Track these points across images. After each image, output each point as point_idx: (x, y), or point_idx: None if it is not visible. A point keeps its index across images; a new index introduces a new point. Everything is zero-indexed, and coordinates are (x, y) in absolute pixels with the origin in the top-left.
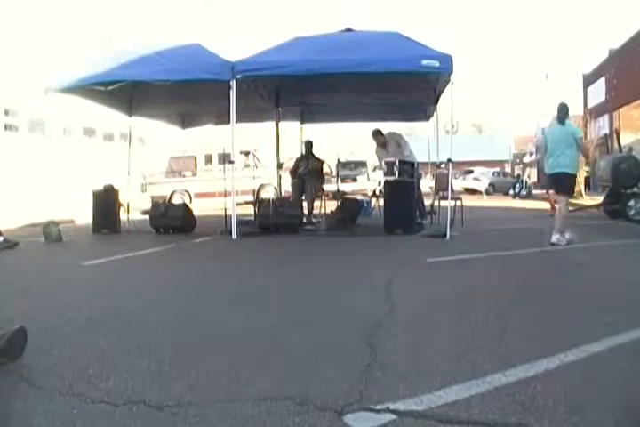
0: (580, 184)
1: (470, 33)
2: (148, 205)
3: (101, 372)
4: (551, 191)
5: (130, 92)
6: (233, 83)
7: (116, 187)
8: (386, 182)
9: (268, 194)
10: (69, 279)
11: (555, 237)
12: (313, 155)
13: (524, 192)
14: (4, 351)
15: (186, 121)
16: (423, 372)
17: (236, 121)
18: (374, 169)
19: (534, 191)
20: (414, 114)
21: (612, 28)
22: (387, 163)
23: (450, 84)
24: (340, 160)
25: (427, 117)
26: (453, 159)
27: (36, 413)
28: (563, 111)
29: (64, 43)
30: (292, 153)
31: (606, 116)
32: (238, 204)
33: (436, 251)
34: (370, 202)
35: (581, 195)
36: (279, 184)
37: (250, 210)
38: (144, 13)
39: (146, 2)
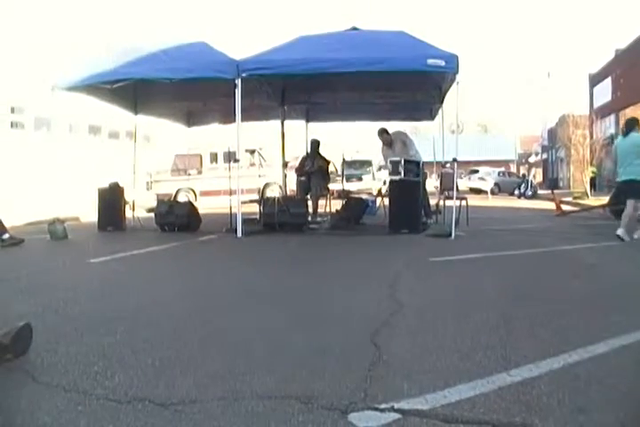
0: (586, 184)
1: (476, 32)
2: (154, 203)
3: (106, 369)
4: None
5: (135, 90)
6: (238, 81)
7: (121, 185)
8: (391, 182)
9: (273, 193)
10: (75, 277)
11: (619, 231)
12: (319, 154)
13: (529, 192)
14: (9, 348)
15: (191, 119)
16: (428, 371)
17: (242, 119)
18: (379, 168)
19: (540, 191)
20: (419, 113)
21: (619, 27)
22: (392, 162)
23: (455, 83)
24: (346, 159)
25: (432, 117)
26: (458, 159)
27: (40, 409)
28: (628, 124)
29: (70, 40)
30: (297, 152)
31: (612, 116)
32: (243, 202)
33: (441, 250)
34: (375, 201)
35: (587, 195)
36: (284, 183)
37: (255, 208)
38: (149, 11)
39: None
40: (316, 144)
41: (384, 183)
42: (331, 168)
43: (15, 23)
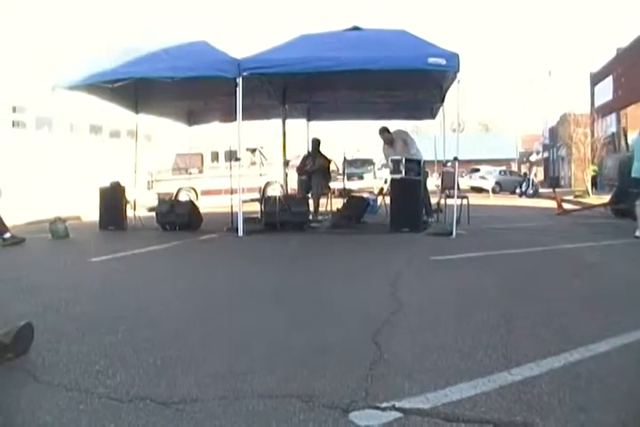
0: (587, 183)
1: (477, 31)
2: (155, 202)
3: (107, 368)
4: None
5: (136, 89)
6: (239, 80)
7: (122, 184)
8: (392, 180)
9: (275, 191)
10: (76, 276)
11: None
12: (320, 152)
13: (530, 191)
14: (10, 347)
15: (192, 118)
16: (429, 370)
17: (243, 119)
18: (380, 167)
19: (541, 190)
20: (420, 112)
21: (620, 26)
22: (393, 161)
23: (456, 82)
24: (347, 158)
25: (433, 116)
26: (460, 158)
27: (42, 408)
28: None
29: (71, 40)
30: (298, 150)
31: (613, 115)
32: (244, 201)
33: (442, 249)
34: (376, 200)
35: (588, 194)
36: (285, 182)
37: (256, 207)
38: (150, 11)
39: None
40: (316, 143)
41: (385, 182)
42: (332, 167)
43: (16, 23)
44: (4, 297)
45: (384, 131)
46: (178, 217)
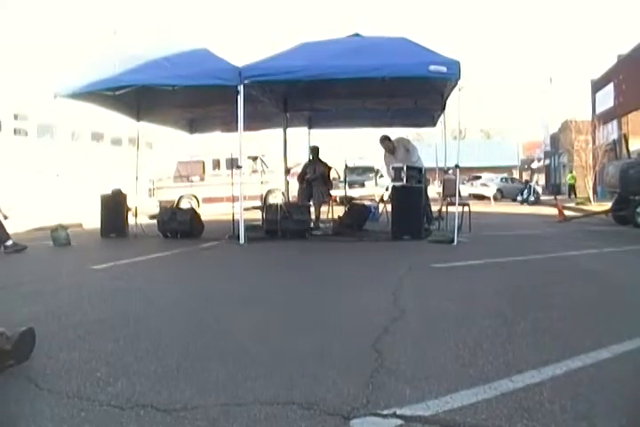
0: (589, 190)
1: (477, 38)
2: (156, 210)
3: (109, 375)
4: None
5: (138, 97)
6: (240, 88)
7: (124, 191)
8: (393, 188)
9: (276, 199)
10: (77, 283)
11: None
12: (320, 160)
13: (532, 198)
14: (12, 354)
15: (194, 126)
16: (430, 377)
17: (244, 129)
18: (381, 175)
19: (542, 197)
20: (422, 120)
21: (621, 33)
22: (394, 168)
23: (457, 89)
24: (348, 165)
25: (434, 123)
26: (461, 165)
27: (43, 416)
28: None
29: (73, 47)
30: (300, 158)
31: (615, 122)
32: (246, 209)
33: (444, 256)
34: (377, 207)
35: (590, 201)
36: (287, 189)
37: (257, 215)
38: (152, 19)
39: (154, 5)
40: (315, 150)
41: (386, 189)
42: (333, 174)
43: (18, 30)
44: (6, 304)
45: (385, 139)
46: (179, 225)
